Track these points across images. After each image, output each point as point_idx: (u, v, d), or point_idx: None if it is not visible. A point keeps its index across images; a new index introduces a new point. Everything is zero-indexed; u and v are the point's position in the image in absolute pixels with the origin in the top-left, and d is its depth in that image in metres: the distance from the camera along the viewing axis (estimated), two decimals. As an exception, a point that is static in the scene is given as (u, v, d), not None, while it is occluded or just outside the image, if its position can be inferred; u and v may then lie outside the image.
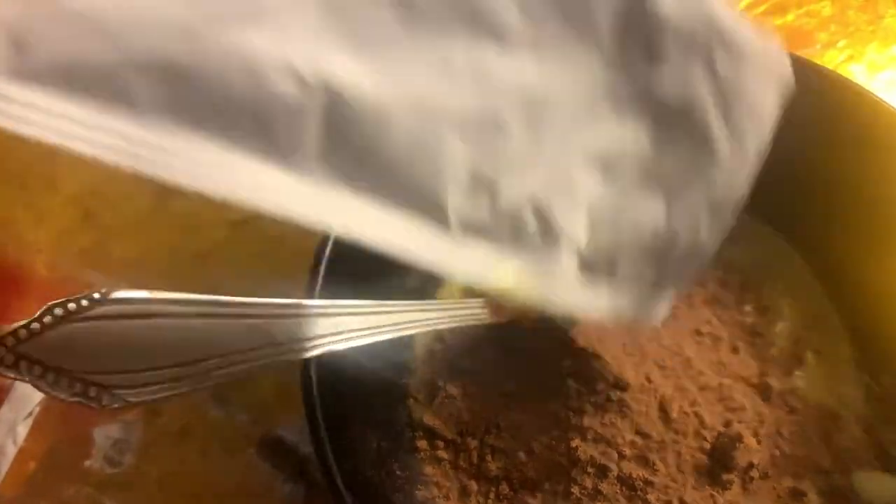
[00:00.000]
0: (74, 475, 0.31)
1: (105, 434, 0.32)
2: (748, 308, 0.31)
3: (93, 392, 0.19)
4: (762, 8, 0.43)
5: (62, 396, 0.19)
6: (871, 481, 0.28)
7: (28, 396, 0.32)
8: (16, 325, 0.18)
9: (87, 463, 0.32)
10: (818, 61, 0.39)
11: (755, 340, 0.30)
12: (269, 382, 0.32)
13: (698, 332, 0.29)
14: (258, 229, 0.37)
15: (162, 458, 0.32)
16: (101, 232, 0.37)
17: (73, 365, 0.19)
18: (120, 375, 0.19)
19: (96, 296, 0.20)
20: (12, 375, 0.18)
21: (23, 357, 0.18)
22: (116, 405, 0.19)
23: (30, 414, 0.32)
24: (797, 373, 0.30)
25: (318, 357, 0.24)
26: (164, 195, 0.37)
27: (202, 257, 0.36)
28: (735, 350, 0.29)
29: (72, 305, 0.19)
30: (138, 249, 0.37)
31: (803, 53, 0.40)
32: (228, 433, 0.32)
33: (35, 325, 0.18)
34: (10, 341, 0.18)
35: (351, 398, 0.26)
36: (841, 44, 0.41)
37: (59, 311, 0.19)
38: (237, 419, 0.32)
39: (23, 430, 0.32)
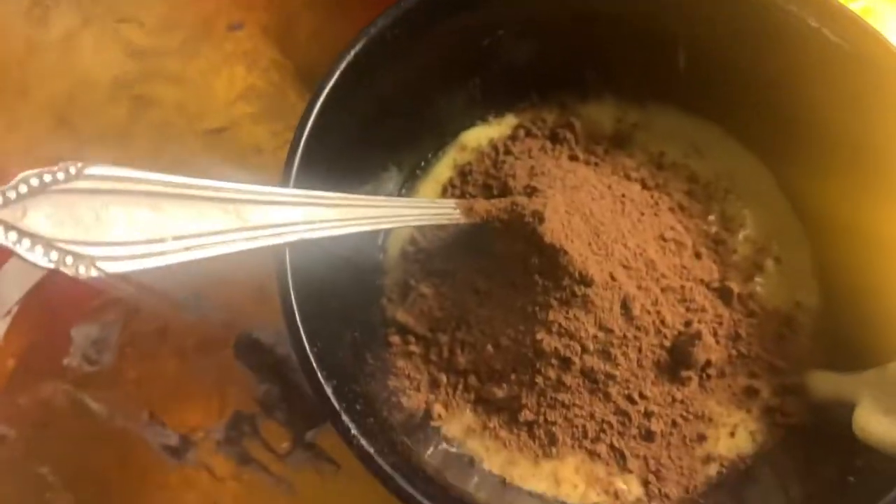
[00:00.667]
0: (53, 372, 0.32)
1: (84, 333, 0.33)
2: (713, 218, 0.31)
3: (69, 260, 0.19)
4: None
5: (38, 263, 0.19)
6: (822, 380, 0.29)
7: (5, 295, 0.32)
8: (-9, 190, 0.19)
9: (66, 361, 0.32)
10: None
11: (718, 248, 0.31)
12: (245, 284, 0.32)
13: (663, 238, 0.30)
14: (234, 139, 0.37)
15: (139, 357, 0.33)
16: (77, 141, 0.37)
17: (50, 233, 0.19)
18: (96, 246, 0.20)
19: (71, 170, 0.20)
20: (-12, 239, 0.18)
21: (-1, 221, 0.18)
22: (93, 274, 0.20)
23: (8, 312, 0.32)
24: (757, 279, 0.31)
25: (294, 258, 0.25)
26: (141, 104, 0.37)
27: (179, 166, 0.36)
28: (698, 255, 0.30)
29: (47, 177, 0.20)
30: (114, 159, 0.36)
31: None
32: (205, 334, 0.33)
33: (10, 193, 0.19)
34: (-16, 205, 0.18)
35: (326, 298, 0.27)
36: (818, -31, 0.41)
37: (34, 182, 0.19)
38: (213, 320, 0.33)
39: (1, 328, 0.32)
